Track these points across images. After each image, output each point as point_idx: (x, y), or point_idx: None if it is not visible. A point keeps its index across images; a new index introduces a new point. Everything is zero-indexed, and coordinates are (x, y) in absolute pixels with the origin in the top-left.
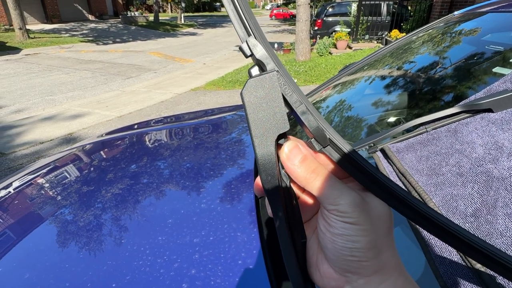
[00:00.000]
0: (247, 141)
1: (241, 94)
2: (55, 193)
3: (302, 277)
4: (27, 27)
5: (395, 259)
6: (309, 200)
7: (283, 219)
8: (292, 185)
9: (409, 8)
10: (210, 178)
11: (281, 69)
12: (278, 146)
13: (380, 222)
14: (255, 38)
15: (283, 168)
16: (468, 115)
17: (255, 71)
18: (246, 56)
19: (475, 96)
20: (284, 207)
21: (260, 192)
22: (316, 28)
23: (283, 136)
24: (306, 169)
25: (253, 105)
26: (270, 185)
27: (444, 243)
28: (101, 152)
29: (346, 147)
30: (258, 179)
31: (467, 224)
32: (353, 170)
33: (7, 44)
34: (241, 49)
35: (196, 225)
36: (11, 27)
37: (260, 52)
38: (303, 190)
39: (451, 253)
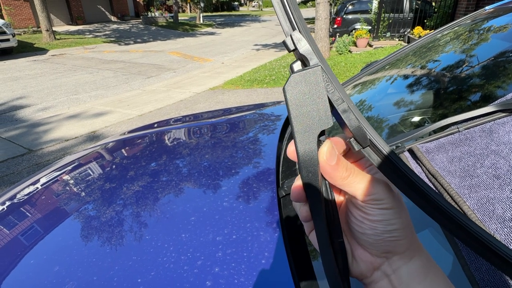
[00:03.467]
0: (267, 140)
1: (283, 89)
2: (81, 189)
3: (341, 278)
4: (54, 28)
5: (417, 239)
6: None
7: (323, 218)
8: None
9: (433, 4)
10: (231, 177)
11: (324, 65)
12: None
13: (403, 203)
14: (300, 32)
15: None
16: (504, 114)
17: (297, 66)
18: (289, 51)
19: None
20: (324, 206)
21: (297, 196)
22: (335, 26)
23: (322, 133)
24: (342, 168)
25: (296, 100)
26: (310, 183)
27: None
28: (123, 150)
29: (387, 149)
30: (296, 184)
31: (506, 229)
32: (392, 174)
33: (35, 45)
34: (284, 43)
35: (218, 223)
36: (39, 29)
37: (304, 46)
38: None
39: None
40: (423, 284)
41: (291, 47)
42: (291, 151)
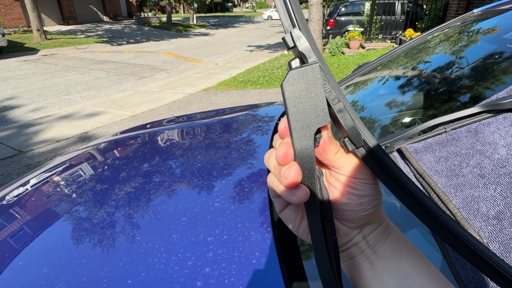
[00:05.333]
0: (259, 141)
1: (281, 85)
2: (71, 190)
3: (333, 275)
4: (45, 28)
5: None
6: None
7: (318, 215)
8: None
9: (424, 6)
10: (223, 177)
11: (322, 63)
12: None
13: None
14: (300, 30)
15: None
16: (489, 115)
17: (295, 63)
18: (288, 48)
19: (497, 95)
20: (318, 203)
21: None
22: (328, 27)
23: (318, 130)
24: (333, 144)
25: (294, 97)
26: (307, 180)
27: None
28: (115, 151)
29: (381, 152)
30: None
31: (490, 227)
32: (385, 176)
33: (25, 45)
34: (283, 40)
35: (210, 224)
36: (29, 28)
37: (303, 44)
38: None
39: None
40: (386, 243)
41: (290, 44)
42: (282, 128)
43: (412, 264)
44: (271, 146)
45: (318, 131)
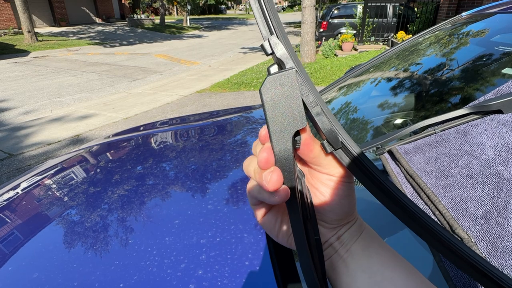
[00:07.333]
0: (252, 143)
1: (259, 91)
2: (63, 194)
3: (317, 275)
4: (36, 30)
5: None
6: None
7: (299, 216)
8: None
9: (416, 9)
10: (216, 179)
11: (299, 69)
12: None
13: None
14: (277, 37)
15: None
16: (477, 116)
17: (274, 69)
18: (267, 54)
19: (484, 97)
20: (300, 204)
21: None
22: (321, 30)
23: (297, 133)
24: (317, 145)
25: (272, 101)
26: (287, 181)
27: None
28: (108, 154)
29: (357, 152)
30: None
31: (477, 227)
32: (362, 176)
33: (16, 47)
34: (262, 47)
35: (203, 226)
36: (20, 30)
37: (280, 51)
38: None
39: None
40: (358, 241)
41: (269, 51)
42: (262, 135)
43: (382, 260)
44: None
45: (297, 134)
